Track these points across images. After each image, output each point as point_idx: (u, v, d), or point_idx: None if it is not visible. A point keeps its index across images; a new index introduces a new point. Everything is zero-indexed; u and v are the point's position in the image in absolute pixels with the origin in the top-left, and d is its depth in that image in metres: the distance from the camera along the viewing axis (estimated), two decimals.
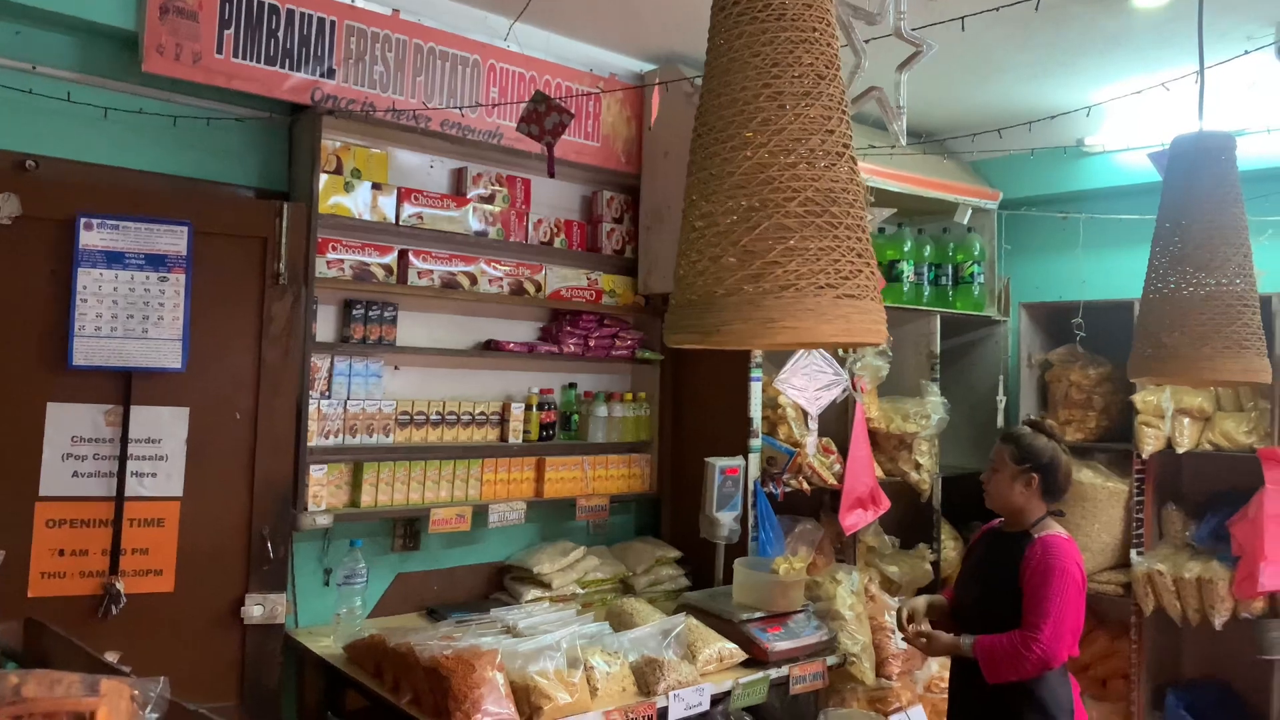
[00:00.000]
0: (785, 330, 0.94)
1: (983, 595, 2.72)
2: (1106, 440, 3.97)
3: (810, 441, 3.45)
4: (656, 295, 3.76)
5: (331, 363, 3.08)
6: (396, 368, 3.30)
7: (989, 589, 2.70)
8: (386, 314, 3.20)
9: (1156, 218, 2.02)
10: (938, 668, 3.48)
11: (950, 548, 4.20)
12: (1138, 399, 3.69)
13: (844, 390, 3.49)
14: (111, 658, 1.26)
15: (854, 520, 3.64)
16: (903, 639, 2.75)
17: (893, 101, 1.99)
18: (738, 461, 3.40)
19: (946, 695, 3.38)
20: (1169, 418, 3.60)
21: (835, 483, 3.65)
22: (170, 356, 2.70)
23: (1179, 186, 1.98)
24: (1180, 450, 3.61)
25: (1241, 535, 3.38)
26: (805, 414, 3.42)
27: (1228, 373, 1.80)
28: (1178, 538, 3.72)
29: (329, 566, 3.09)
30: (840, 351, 3.61)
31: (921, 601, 2.80)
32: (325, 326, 3.12)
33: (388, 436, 3.14)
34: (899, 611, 2.76)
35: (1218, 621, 3.47)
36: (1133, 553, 3.71)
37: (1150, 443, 3.64)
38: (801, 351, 3.17)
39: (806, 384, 3.15)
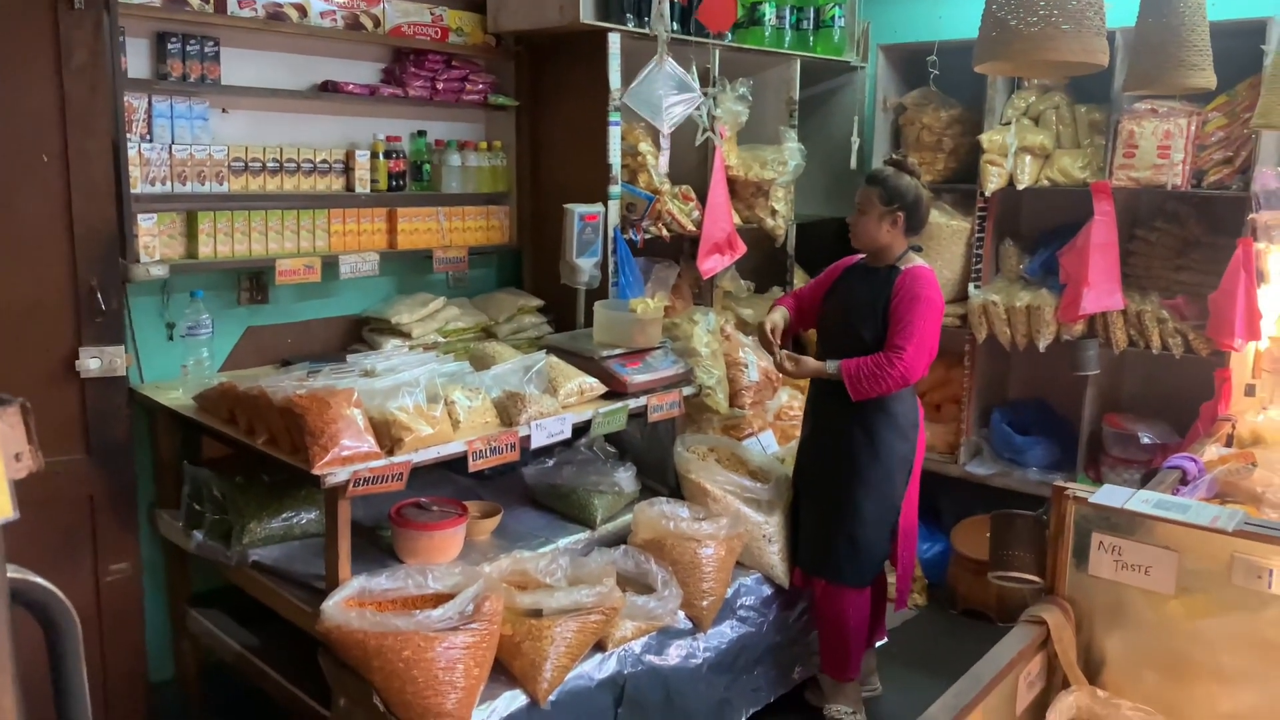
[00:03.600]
0: None
1: (851, 323, 2.89)
2: (954, 181, 4.09)
3: (662, 161, 3.42)
4: (509, 34, 3.54)
5: (149, 103, 2.82)
6: (225, 110, 3.04)
7: (858, 318, 2.87)
8: (207, 49, 2.91)
9: None
10: (787, 398, 3.68)
11: None
12: (984, 138, 3.78)
13: (696, 109, 3.44)
14: None
15: (711, 265, 3.70)
16: (774, 362, 2.94)
17: None
18: (597, 208, 3.35)
19: (797, 422, 3.62)
20: (1012, 154, 3.71)
21: (694, 229, 3.67)
22: None
23: None
24: (1021, 187, 3.76)
25: (1069, 264, 3.61)
26: (656, 134, 3.35)
27: (1069, 52, 1.84)
28: (1013, 271, 3.94)
29: (171, 321, 2.95)
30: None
31: (779, 317, 3.02)
32: (138, 62, 2.83)
33: (222, 184, 2.94)
34: (764, 329, 2.98)
35: (1042, 344, 3.76)
36: (970, 286, 3.92)
37: (994, 180, 3.77)
38: (653, 62, 3.07)
39: (656, 99, 3.07)
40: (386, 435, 2.42)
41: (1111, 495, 1.92)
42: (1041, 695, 1.91)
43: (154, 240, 2.79)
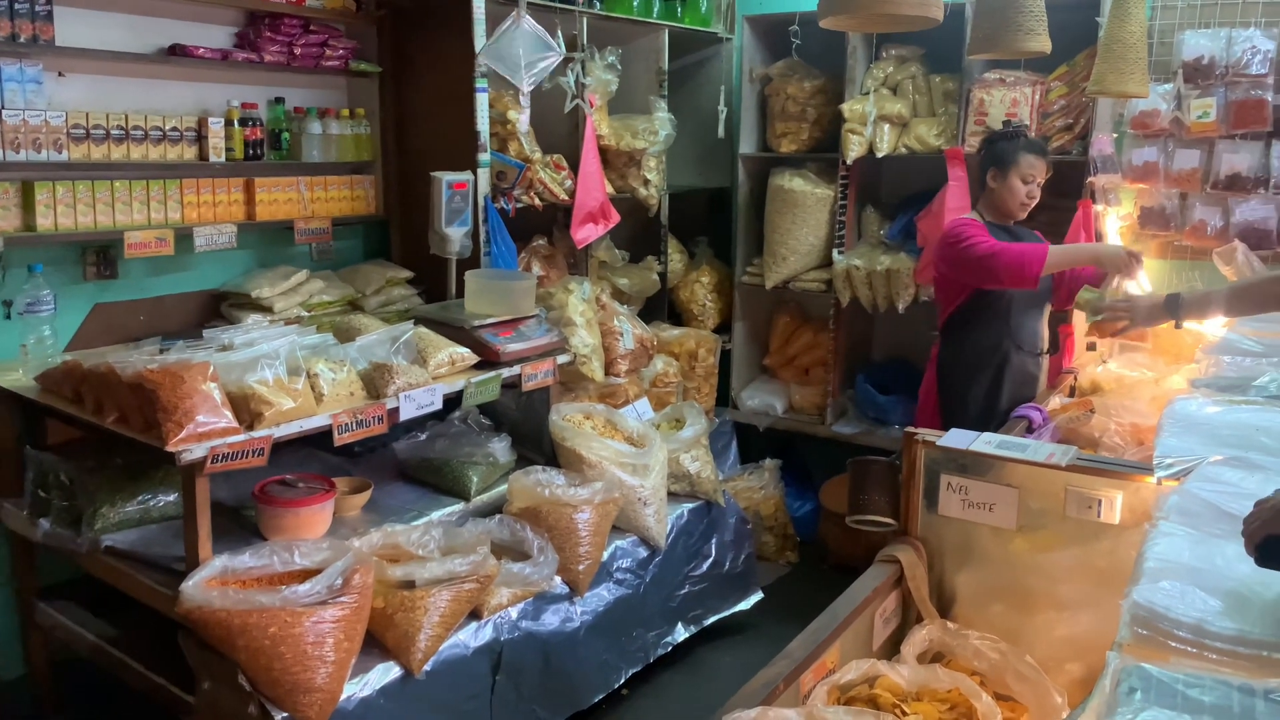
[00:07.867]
0: None
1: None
2: (818, 151, 4.19)
3: (523, 120, 3.39)
4: None
5: None
6: (61, 74, 2.87)
7: None
8: (38, 7, 2.73)
9: None
10: (662, 365, 3.73)
11: (676, 260, 4.40)
12: (845, 108, 3.89)
13: (564, 75, 3.42)
14: None
15: (585, 234, 3.71)
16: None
17: None
18: (466, 176, 3.31)
19: (673, 389, 3.66)
20: (871, 123, 3.83)
21: (566, 198, 3.67)
22: None
23: None
24: (880, 154, 3.88)
25: (925, 228, 3.75)
26: (517, 93, 3.32)
27: (905, 5, 1.92)
28: (874, 237, 4.08)
29: (8, 298, 2.77)
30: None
31: None
32: None
33: (61, 153, 2.77)
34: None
35: (901, 306, 3.91)
36: (834, 252, 4.04)
37: (855, 149, 3.88)
38: (510, 19, 3.04)
39: (515, 57, 3.04)
40: (246, 410, 2.34)
41: (958, 438, 2.02)
42: (897, 630, 2.01)
43: None
